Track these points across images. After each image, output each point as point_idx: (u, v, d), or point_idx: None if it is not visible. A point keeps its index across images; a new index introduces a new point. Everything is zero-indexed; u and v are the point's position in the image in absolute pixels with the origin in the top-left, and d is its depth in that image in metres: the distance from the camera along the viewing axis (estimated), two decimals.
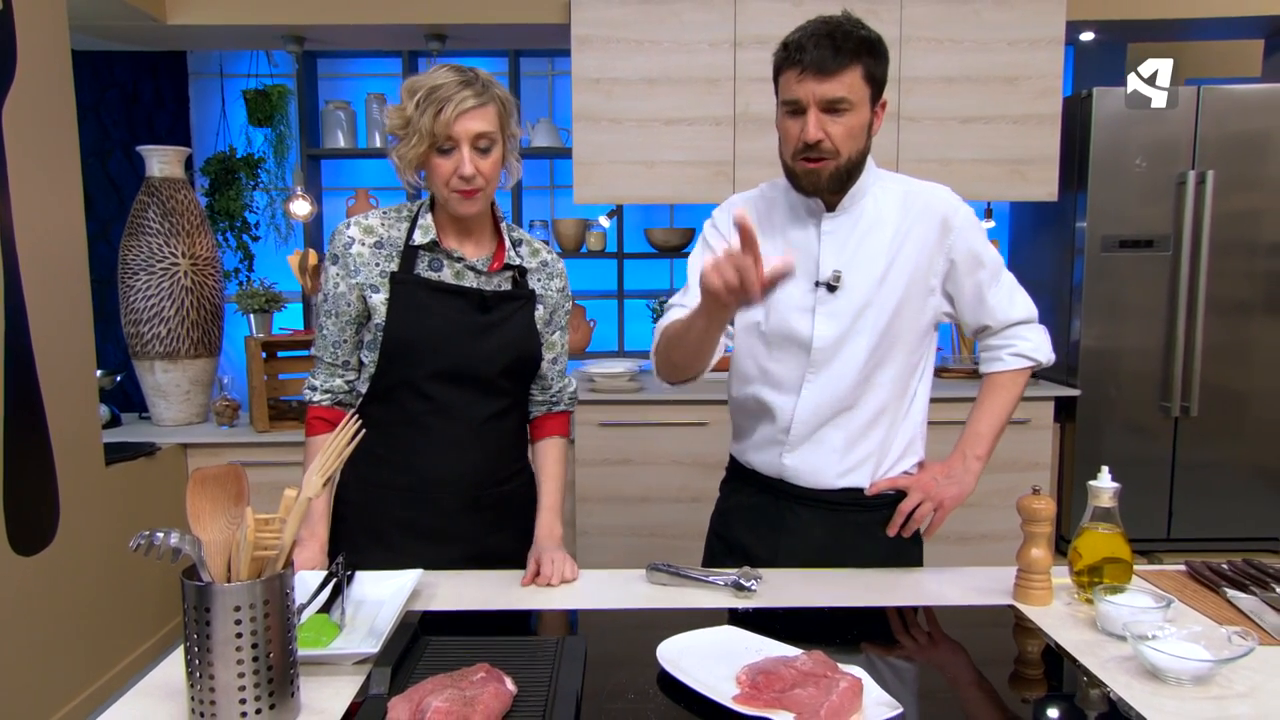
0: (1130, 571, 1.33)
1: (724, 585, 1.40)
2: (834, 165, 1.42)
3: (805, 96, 1.39)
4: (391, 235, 1.52)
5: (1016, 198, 3.32)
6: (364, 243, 1.51)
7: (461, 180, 1.42)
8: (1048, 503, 1.33)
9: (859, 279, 1.48)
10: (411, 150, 1.41)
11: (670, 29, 3.19)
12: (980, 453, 1.58)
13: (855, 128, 1.41)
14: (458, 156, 1.41)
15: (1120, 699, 1.04)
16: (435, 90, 1.39)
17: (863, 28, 1.42)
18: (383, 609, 1.27)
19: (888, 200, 1.51)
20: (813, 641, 1.12)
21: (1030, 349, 1.58)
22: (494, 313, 1.52)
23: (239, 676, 0.95)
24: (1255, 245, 3.22)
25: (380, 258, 1.50)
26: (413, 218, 1.53)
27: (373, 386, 1.53)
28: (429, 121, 1.38)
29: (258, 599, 0.95)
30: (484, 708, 0.95)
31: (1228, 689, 1.07)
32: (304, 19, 3.34)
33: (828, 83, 1.37)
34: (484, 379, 1.52)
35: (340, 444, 1.04)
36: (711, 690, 1.02)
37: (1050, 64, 3.23)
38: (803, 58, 1.38)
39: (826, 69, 1.37)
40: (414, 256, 1.50)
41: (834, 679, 1.00)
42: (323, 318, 1.55)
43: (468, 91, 1.39)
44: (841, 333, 1.48)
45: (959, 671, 1.19)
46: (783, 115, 1.45)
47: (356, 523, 1.55)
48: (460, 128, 1.39)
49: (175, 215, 3.27)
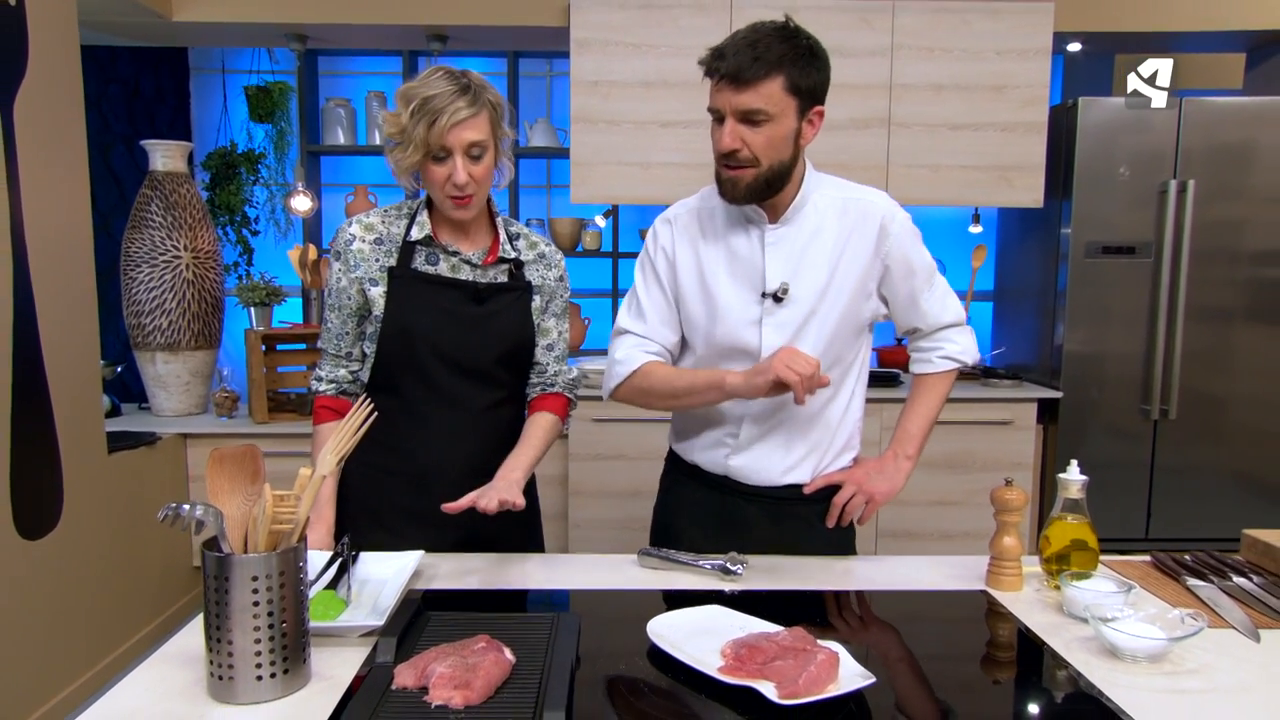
0: (1096, 559, 1.40)
1: (711, 569, 1.47)
2: (753, 174, 1.41)
3: (723, 105, 1.40)
4: (391, 232, 1.58)
5: (1003, 203, 3.40)
6: (364, 239, 1.57)
7: (455, 188, 1.48)
8: (1019, 493, 1.40)
9: (804, 290, 1.50)
10: (407, 159, 1.47)
11: (667, 33, 3.26)
12: (910, 451, 1.61)
13: (776, 138, 1.40)
14: (451, 165, 1.47)
15: (1081, 675, 1.12)
16: (429, 100, 1.43)
17: (795, 36, 1.39)
18: (386, 587, 1.34)
19: (827, 208, 1.52)
20: (795, 621, 1.19)
21: (958, 351, 1.63)
22: (489, 304, 1.58)
23: (255, 643, 1.01)
24: (1234, 253, 3.30)
25: (380, 253, 1.57)
26: (411, 215, 1.59)
27: (373, 376, 1.59)
28: (423, 131, 1.43)
29: (274, 570, 1.01)
30: (485, 674, 1.02)
31: (1180, 666, 1.14)
32: (307, 17, 3.40)
33: (744, 93, 1.37)
34: (480, 368, 1.58)
35: (354, 425, 1.11)
36: (698, 662, 1.09)
37: (1037, 73, 3.31)
38: (721, 66, 1.38)
39: (742, 79, 1.36)
40: (411, 251, 1.57)
41: (812, 652, 1.07)
42: (327, 312, 1.61)
43: (461, 102, 1.44)
44: (788, 342, 1.49)
45: (931, 650, 1.26)
46: (711, 122, 1.46)
47: (358, 507, 1.61)
48: (454, 138, 1.45)
49: (177, 209, 3.32)
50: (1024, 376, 3.60)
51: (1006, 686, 1.16)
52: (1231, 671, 1.13)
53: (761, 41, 1.37)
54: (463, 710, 0.98)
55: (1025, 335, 3.71)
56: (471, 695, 0.99)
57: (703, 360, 1.59)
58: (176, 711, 1.00)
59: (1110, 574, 1.37)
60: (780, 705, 1.00)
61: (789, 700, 1.00)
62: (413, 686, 1.02)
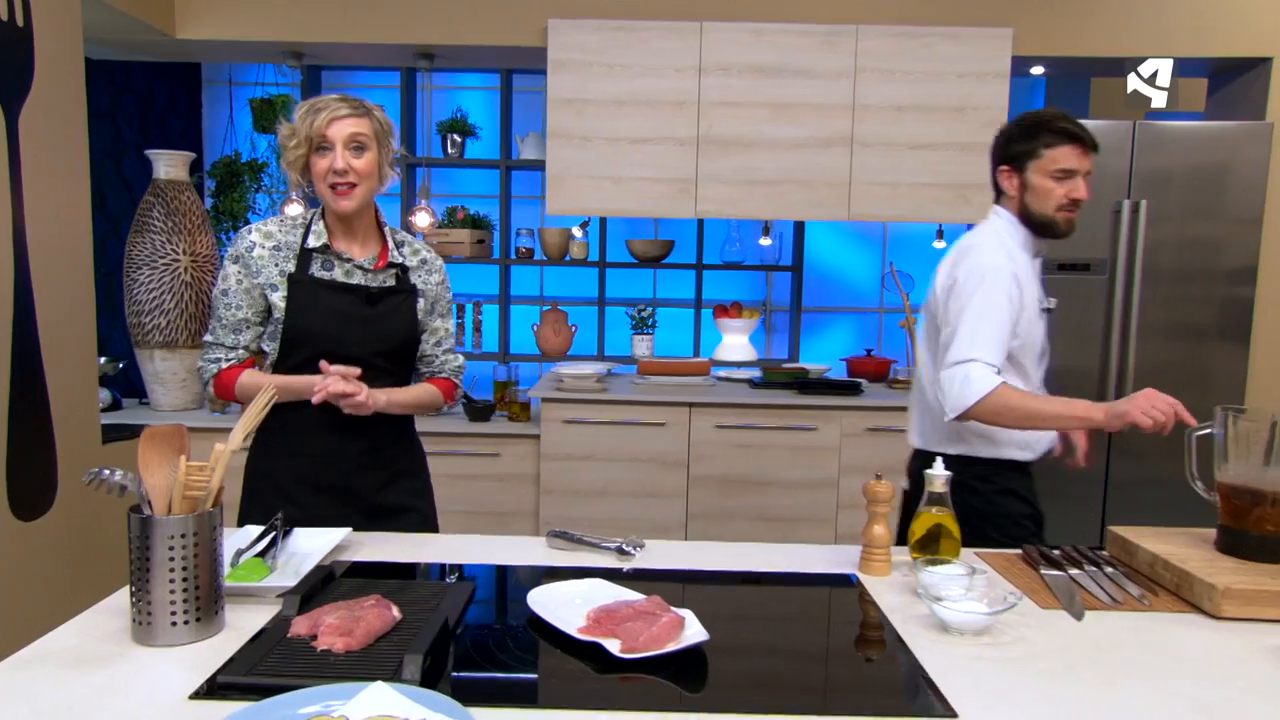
0: (958, 548, 1.53)
1: (611, 549, 1.61)
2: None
3: (1079, 166, 1.91)
4: (288, 240, 1.76)
5: (961, 220, 3.52)
6: (264, 246, 1.75)
7: (335, 174, 1.66)
8: (887, 487, 1.53)
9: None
10: (293, 152, 1.68)
11: (640, 55, 3.43)
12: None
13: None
14: (333, 155, 1.66)
15: (903, 643, 1.25)
16: (315, 103, 1.68)
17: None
18: (310, 558, 1.50)
19: None
20: (669, 594, 1.32)
21: None
22: (380, 305, 1.78)
23: (170, 594, 1.17)
24: (1185, 272, 3.40)
25: (279, 259, 1.74)
26: (307, 225, 1.78)
27: (274, 371, 1.78)
28: (307, 126, 1.65)
29: (189, 530, 1.17)
30: (366, 625, 1.17)
31: (999, 639, 1.27)
32: (303, 36, 3.60)
33: (1091, 158, 1.92)
34: (373, 363, 1.76)
35: (258, 407, 1.27)
36: (563, 622, 1.24)
37: (996, 96, 3.44)
38: (1086, 136, 1.89)
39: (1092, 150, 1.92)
40: (308, 258, 1.75)
41: (659, 615, 1.21)
42: (220, 309, 1.77)
43: (344, 105, 1.67)
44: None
45: (781, 620, 1.40)
46: (1046, 176, 1.91)
47: (267, 484, 1.79)
48: (334, 130, 1.65)
49: (178, 215, 3.52)
50: None
51: (833, 651, 1.29)
52: (1043, 644, 1.26)
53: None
54: (343, 654, 1.13)
55: None
56: (352, 642, 1.14)
57: (1019, 365, 1.98)
58: (101, 651, 1.17)
59: (968, 562, 1.50)
60: (620, 658, 1.14)
61: (628, 654, 1.14)
62: (305, 634, 1.18)
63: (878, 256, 4.37)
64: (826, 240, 4.37)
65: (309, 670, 1.09)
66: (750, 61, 3.43)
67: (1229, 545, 1.51)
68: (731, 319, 4.04)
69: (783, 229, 4.26)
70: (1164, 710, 1.08)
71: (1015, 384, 1.86)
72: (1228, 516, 1.51)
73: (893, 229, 4.35)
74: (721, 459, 3.41)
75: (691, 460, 3.42)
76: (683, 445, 3.42)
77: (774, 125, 3.44)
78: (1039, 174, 1.92)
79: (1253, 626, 1.34)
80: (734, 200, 3.47)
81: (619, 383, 3.69)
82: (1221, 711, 1.08)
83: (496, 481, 3.46)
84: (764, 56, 3.42)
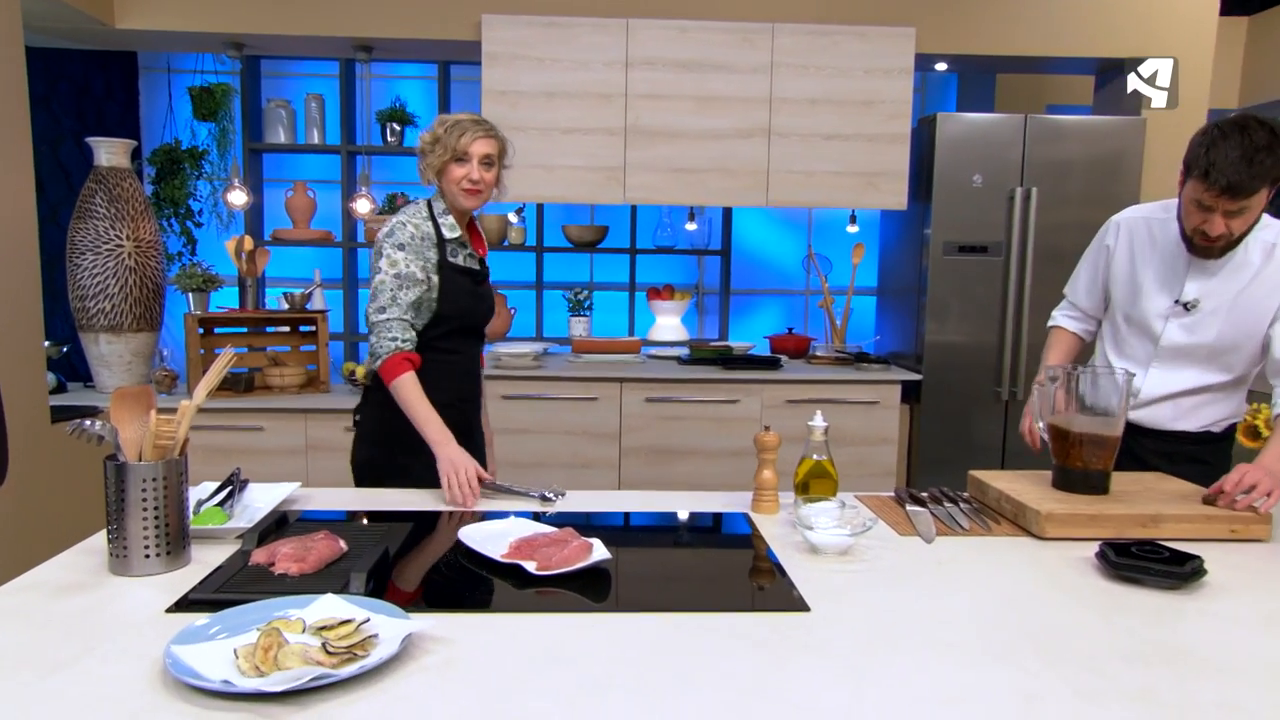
0: (834, 487, 1.77)
1: (535, 496, 1.83)
2: (1224, 245, 1.84)
3: (1215, 206, 1.74)
4: (425, 230, 2.05)
5: (870, 206, 3.80)
6: (417, 235, 2.03)
7: (470, 182, 2.03)
8: (774, 436, 1.77)
9: (1212, 305, 1.91)
10: (437, 158, 2.02)
11: (569, 49, 3.62)
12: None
13: (1252, 219, 1.80)
14: (470, 166, 2.02)
15: (775, 560, 1.49)
16: (460, 122, 2.03)
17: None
18: (263, 509, 1.68)
19: (1256, 247, 1.87)
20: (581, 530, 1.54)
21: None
22: (483, 286, 2.17)
23: (144, 530, 1.35)
24: (1072, 253, 3.69)
25: (425, 246, 2.04)
26: (431, 218, 2.07)
27: (426, 337, 2.07)
28: (453, 140, 2.00)
29: (159, 475, 1.35)
30: (318, 552, 1.36)
31: (858, 559, 1.52)
32: (242, 28, 3.70)
33: (1238, 201, 1.73)
34: (480, 333, 2.21)
35: (219, 367, 1.44)
36: (489, 551, 1.45)
37: (901, 91, 3.71)
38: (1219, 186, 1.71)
39: (1241, 192, 1.70)
40: (445, 246, 2.07)
41: (569, 541, 1.43)
42: (396, 290, 2.00)
43: (480, 128, 2.04)
44: (1185, 341, 1.96)
45: (680, 548, 1.62)
46: (1189, 204, 1.80)
47: (412, 440, 1.98)
48: (475, 148, 2.02)
49: (120, 202, 3.61)
50: (896, 362, 4.01)
51: (718, 569, 1.52)
52: (895, 561, 1.51)
53: (1256, 158, 1.68)
54: (297, 577, 1.32)
55: (899, 325, 4.12)
56: (305, 566, 1.34)
57: (1115, 323, 2.08)
58: (83, 580, 1.34)
59: (843, 499, 1.74)
60: (536, 575, 1.36)
61: (543, 571, 1.36)
62: (264, 562, 1.36)
63: (803, 241, 4.64)
64: (755, 225, 4.62)
65: (269, 589, 1.28)
66: (674, 57, 3.64)
67: (1059, 481, 1.78)
68: (664, 301, 4.27)
69: (713, 215, 4.50)
70: (979, 602, 1.33)
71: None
72: (1056, 456, 1.78)
73: (816, 214, 4.62)
74: (651, 431, 3.64)
75: (623, 432, 3.64)
76: (614, 418, 3.64)
77: (697, 117, 3.67)
78: (1185, 196, 1.85)
79: (1070, 544, 1.60)
80: (661, 187, 3.69)
81: (555, 361, 3.89)
82: (1025, 602, 1.34)
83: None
84: (687, 52, 3.64)
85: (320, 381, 3.72)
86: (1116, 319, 2.08)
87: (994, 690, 1.05)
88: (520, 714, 0.98)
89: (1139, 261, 2.00)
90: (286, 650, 1.03)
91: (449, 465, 1.86)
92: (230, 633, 1.10)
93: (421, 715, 0.97)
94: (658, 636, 1.18)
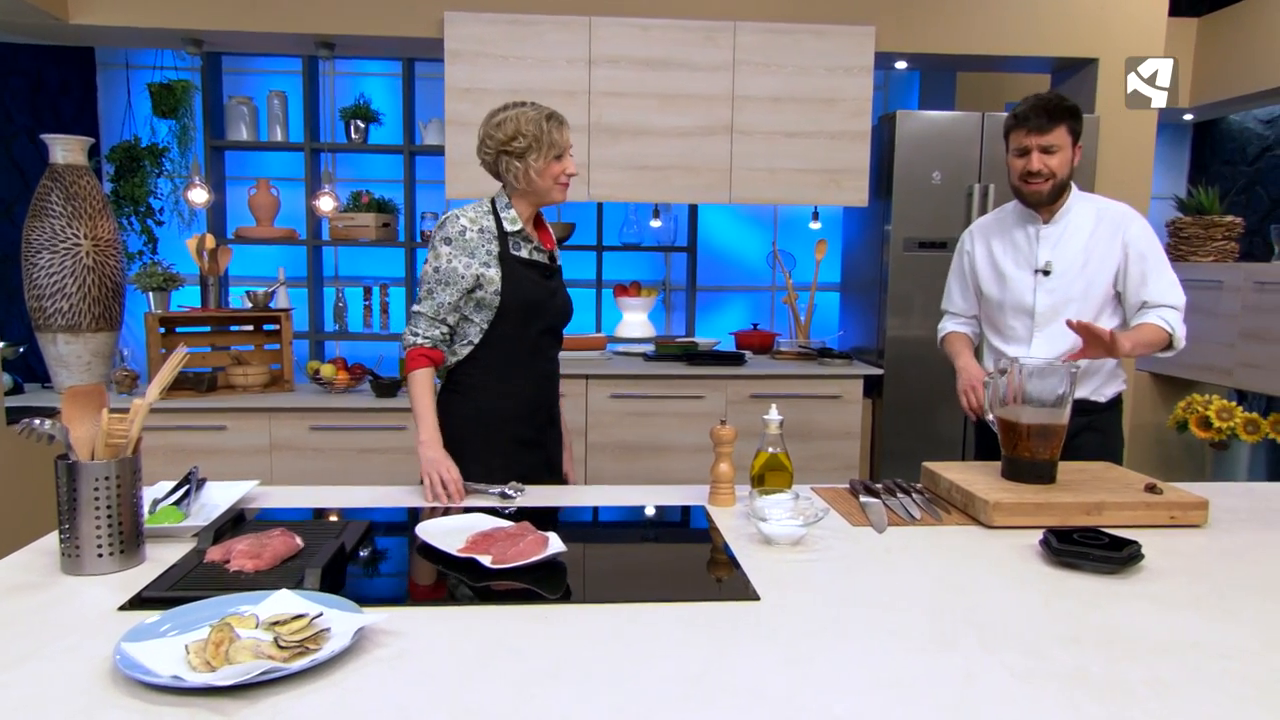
0: (790, 479, 1.80)
1: (495, 493, 1.84)
2: (1049, 185, 2.17)
3: (1029, 144, 2.14)
4: (486, 224, 2.02)
5: (831, 202, 3.84)
6: (472, 229, 2.00)
7: (567, 176, 2.04)
8: (730, 430, 1.80)
9: (1064, 267, 2.21)
10: (544, 157, 1.98)
11: (533, 47, 3.62)
12: (1125, 346, 2.05)
13: (1064, 162, 2.16)
14: (567, 160, 2.03)
15: (730, 552, 1.52)
16: (551, 117, 2.00)
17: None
18: (220, 507, 1.68)
19: (1085, 214, 2.22)
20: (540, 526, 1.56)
21: (1174, 322, 2.14)
22: (553, 280, 2.12)
23: (96, 529, 1.34)
24: None
25: (485, 240, 2.00)
26: (494, 212, 2.03)
27: (486, 337, 2.03)
28: (556, 136, 1.98)
29: (112, 473, 1.35)
30: (273, 549, 1.37)
31: (810, 548, 1.55)
32: (201, 24, 3.67)
33: (1044, 136, 2.13)
34: (557, 331, 2.14)
35: (173, 364, 1.44)
36: (446, 546, 1.46)
37: (862, 89, 3.76)
38: (1026, 123, 2.13)
39: (1043, 128, 2.12)
40: (507, 240, 2.02)
41: (525, 534, 1.45)
42: (434, 285, 1.99)
43: (563, 121, 2.03)
44: (1052, 304, 2.22)
45: (637, 541, 1.65)
46: (1012, 156, 2.19)
47: (475, 444, 2.02)
48: (569, 142, 2.02)
49: (78, 200, 3.56)
50: (859, 357, 4.06)
51: (672, 561, 1.55)
52: (846, 550, 1.54)
53: (1051, 104, 2.14)
54: (253, 573, 1.33)
55: (862, 320, 4.17)
56: (260, 563, 1.34)
57: (992, 316, 2.34)
58: (35, 580, 1.33)
59: (797, 491, 1.77)
60: (491, 569, 1.37)
61: (498, 565, 1.37)
62: (219, 560, 1.37)
63: (769, 237, 4.68)
64: (722, 222, 4.65)
65: (224, 585, 1.28)
66: (637, 55, 3.66)
67: (1008, 471, 1.82)
68: (631, 297, 4.29)
69: (679, 212, 4.52)
70: (925, 589, 1.37)
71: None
72: (1005, 447, 1.82)
73: (781, 211, 4.66)
74: (617, 427, 3.66)
75: (589, 428, 3.66)
76: (580, 415, 3.66)
77: (660, 114, 3.69)
78: (1009, 156, 2.24)
79: (1016, 533, 1.64)
80: (625, 185, 3.71)
81: None
82: (969, 588, 1.37)
83: (404, 454, 3.62)
84: (650, 50, 3.66)
85: (284, 381, 3.69)
86: (992, 310, 2.34)
87: (934, 673, 1.09)
88: (470, 703, 0.99)
89: (996, 252, 2.31)
90: (238, 645, 1.04)
91: (429, 466, 1.88)
92: (181, 630, 1.10)
93: (372, 706, 0.98)
94: (610, 627, 1.20)
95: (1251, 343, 3.78)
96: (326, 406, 3.45)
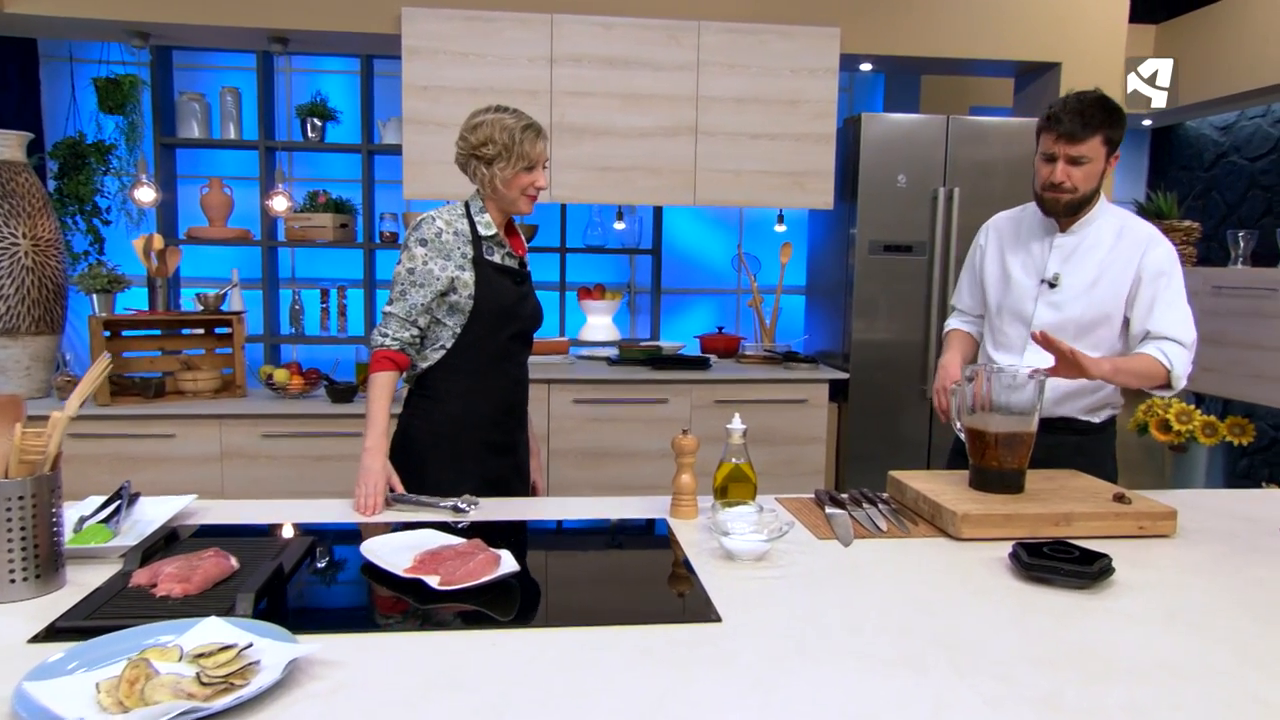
0: (754, 491, 1.74)
1: (447, 507, 1.76)
2: (1070, 199, 1.99)
3: (1057, 151, 1.95)
4: (461, 227, 1.97)
5: (796, 205, 3.81)
6: (448, 231, 1.95)
7: (536, 190, 1.99)
8: (692, 440, 1.74)
9: (1074, 281, 2.05)
10: (512, 168, 1.94)
11: (493, 44, 3.54)
12: (1099, 370, 1.86)
13: (1093, 174, 1.97)
14: (537, 173, 1.98)
15: (690, 567, 1.45)
16: (528, 127, 1.95)
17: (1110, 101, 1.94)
18: (153, 524, 1.58)
19: (1106, 228, 2.04)
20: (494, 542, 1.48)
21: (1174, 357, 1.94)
22: (524, 286, 2.08)
23: (9, 553, 1.25)
24: None
25: (460, 243, 1.96)
26: (468, 215, 2.00)
27: (457, 342, 1.98)
28: (528, 148, 1.93)
29: (26, 492, 1.25)
30: (204, 572, 1.28)
31: (774, 563, 1.49)
32: (147, 16, 3.53)
33: (1074, 146, 1.92)
34: (527, 336, 2.10)
35: (95, 373, 1.35)
36: (390, 565, 1.38)
37: (826, 90, 3.72)
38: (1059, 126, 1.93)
39: (1075, 136, 1.91)
40: (481, 244, 1.98)
41: (475, 553, 1.37)
42: (407, 286, 1.94)
43: (539, 132, 1.98)
44: (1054, 320, 2.04)
45: (594, 558, 1.58)
46: (1039, 159, 2.00)
47: (445, 449, 1.99)
48: (542, 155, 1.98)
49: (15, 197, 3.41)
50: (824, 361, 4.03)
51: (630, 579, 1.48)
52: (811, 565, 1.49)
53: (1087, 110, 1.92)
54: (181, 599, 1.24)
55: (827, 324, 4.14)
56: (190, 587, 1.25)
57: (990, 319, 2.20)
58: None
59: (762, 503, 1.72)
60: (439, 590, 1.30)
61: (446, 586, 1.30)
62: (145, 584, 1.28)
63: (734, 240, 4.64)
64: (686, 225, 4.60)
65: (147, 613, 1.19)
66: (600, 53, 3.60)
67: (975, 481, 1.78)
68: (595, 300, 4.22)
69: (644, 214, 4.46)
70: (893, 607, 1.32)
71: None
72: (973, 456, 1.78)
73: (747, 213, 4.62)
74: (580, 432, 3.59)
75: (552, 434, 3.58)
76: (543, 420, 3.58)
77: (623, 114, 3.63)
78: (1037, 157, 2.03)
79: (985, 545, 1.60)
80: (587, 186, 3.64)
81: None
82: (938, 606, 1.32)
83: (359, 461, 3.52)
84: (612, 49, 3.60)
85: (236, 386, 3.57)
86: (992, 313, 2.22)
87: (903, 700, 1.03)
88: None
89: (1007, 253, 2.18)
90: (155, 683, 0.96)
91: (365, 473, 1.85)
92: (90, 666, 1.01)
93: None
94: (561, 654, 1.13)
95: (1209, 347, 3.81)
96: (280, 413, 3.33)
